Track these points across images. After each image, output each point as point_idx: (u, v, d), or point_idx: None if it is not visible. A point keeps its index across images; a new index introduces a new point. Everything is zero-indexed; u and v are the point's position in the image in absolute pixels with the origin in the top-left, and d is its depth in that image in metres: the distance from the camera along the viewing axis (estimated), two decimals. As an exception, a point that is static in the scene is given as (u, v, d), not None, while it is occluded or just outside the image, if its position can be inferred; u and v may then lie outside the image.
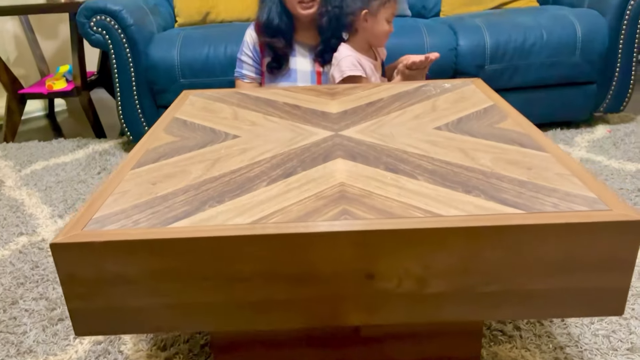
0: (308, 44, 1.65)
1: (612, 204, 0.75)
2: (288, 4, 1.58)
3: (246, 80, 1.71)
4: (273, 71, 1.65)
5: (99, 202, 0.82)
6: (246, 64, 1.69)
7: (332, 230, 0.72)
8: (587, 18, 2.02)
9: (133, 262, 0.72)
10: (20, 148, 2.27)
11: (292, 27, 1.63)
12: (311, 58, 1.66)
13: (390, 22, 1.58)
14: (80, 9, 1.96)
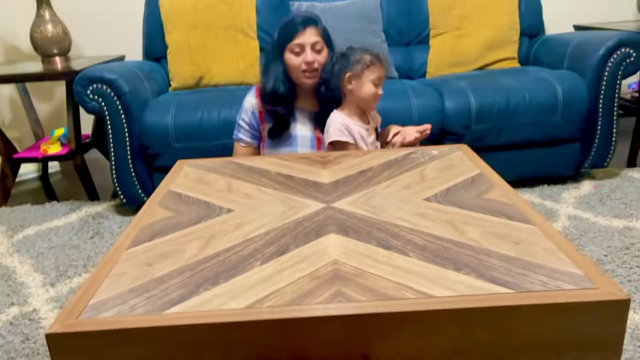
0: (308, 111, 1.70)
1: (598, 282, 0.77)
2: (292, 74, 1.63)
3: (242, 144, 1.75)
4: (274, 136, 1.69)
5: (94, 286, 0.83)
6: (243, 129, 1.73)
7: (326, 315, 0.73)
8: (566, 80, 2.11)
9: (130, 350, 0.73)
10: (13, 212, 2.27)
11: (294, 94, 1.68)
12: (311, 124, 1.70)
13: (378, 85, 1.62)
14: (77, 78, 2.01)
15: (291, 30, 1.61)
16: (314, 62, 1.60)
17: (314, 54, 1.60)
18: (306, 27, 1.60)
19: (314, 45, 1.60)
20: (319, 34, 1.62)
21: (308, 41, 1.59)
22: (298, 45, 1.60)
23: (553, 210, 1.98)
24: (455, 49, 2.46)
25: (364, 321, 0.73)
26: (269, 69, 1.67)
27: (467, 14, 2.45)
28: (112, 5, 2.93)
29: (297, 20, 1.62)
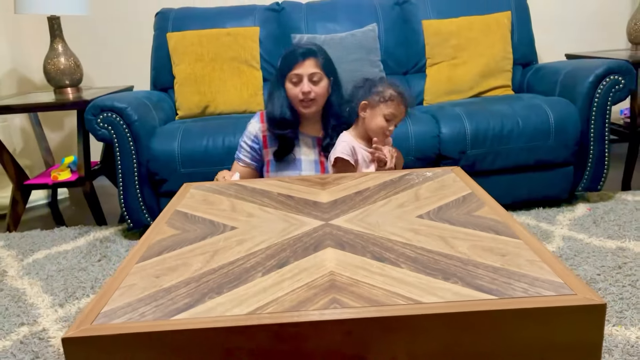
0: (312, 135, 1.78)
1: (577, 288, 0.82)
2: (292, 102, 1.72)
3: (241, 164, 1.82)
4: (279, 159, 1.76)
5: (107, 295, 0.89)
6: (244, 150, 1.80)
7: (322, 320, 0.78)
8: (558, 106, 2.19)
9: (139, 353, 0.78)
10: (23, 237, 2.34)
11: (297, 120, 1.76)
12: (315, 148, 1.78)
13: (390, 121, 1.67)
14: (88, 107, 2.11)
15: (291, 61, 1.70)
16: (310, 93, 1.68)
17: (310, 84, 1.68)
18: (305, 59, 1.68)
19: (312, 77, 1.68)
20: (317, 65, 1.70)
21: (306, 72, 1.68)
22: (296, 76, 1.69)
23: (548, 232, 2.03)
24: (451, 77, 2.56)
25: (357, 326, 0.78)
26: (273, 95, 1.76)
27: (462, 44, 2.55)
28: (122, 38, 3.06)
29: (297, 51, 1.71)
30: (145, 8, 2.92)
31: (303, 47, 1.73)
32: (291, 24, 2.62)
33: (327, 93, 1.74)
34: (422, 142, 2.12)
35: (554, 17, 3.12)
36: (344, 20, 2.61)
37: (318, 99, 1.71)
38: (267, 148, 1.78)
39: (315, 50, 1.71)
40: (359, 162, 1.70)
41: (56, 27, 2.54)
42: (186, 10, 2.67)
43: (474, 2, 2.64)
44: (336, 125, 1.77)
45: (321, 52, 1.73)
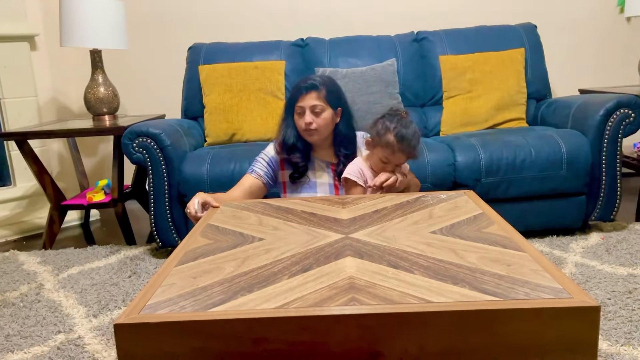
0: (325, 161, 1.90)
1: (574, 293, 0.91)
2: (298, 130, 1.85)
3: (253, 175, 1.88)
4: (295, 181, 1.88)
5: (150, 292, 1.00)
6: (260, 164, 1.90)
7: (342, 314, 0.88)
8: (570, 138, 2.28)
9: (179, 340, 0.88)
10: (58, 254, 2.47)
11: (309, 145, 1.88)
12: (329, 172, 1.89)
13: (386, 164, 1.72)
14: (125, 132, 2.26)
15: (296, 94, 1.84)
16: (312, 124, 1.80)
17: (312, 116, 1.81)
18: (308, 92, 1.81)
19: (313, 108, 1.81)
20: (319, 98, 1.81)
21: (307, 105, 1.80)
22: (300, 108, 1.82)
23: (561, 259, 2.09)
24: (467, 110, 2.67)
25: (373, 321, 0.88)
26: (284, 124, 1.89)
27: (477, 78, 2.67)
28: (155, 70, 3.27)
29: (301, 85, 1.84)
30: (178, 43, 3.13)
31: (307, 81, 1.85)
32: (315, 59, 2.78)
33: (331, 123, 1.85)
34: (438, 169, 2.22)
35: (567, 53, 3.23)
36: (365, 55, 2.76)
37: (320, 129, 1.82)
38: (284, 170, 1.90)
39: (317, 84, 1.82)
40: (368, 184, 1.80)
41: (98, 60, 2.74)
42: (217, 45, 2.86)
43: (488, 40, 2.77)
44: (347, 154, 1.88)
45: (325, 85, 1.83)
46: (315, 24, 3.17)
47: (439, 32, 2.84)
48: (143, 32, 3.20)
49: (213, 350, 0.88)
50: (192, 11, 3.21)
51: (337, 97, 1.86)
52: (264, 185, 1.89)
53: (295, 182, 1.87)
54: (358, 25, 3.14)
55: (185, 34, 3.16)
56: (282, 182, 1.92)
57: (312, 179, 1.88)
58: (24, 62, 2.92)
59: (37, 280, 2.18)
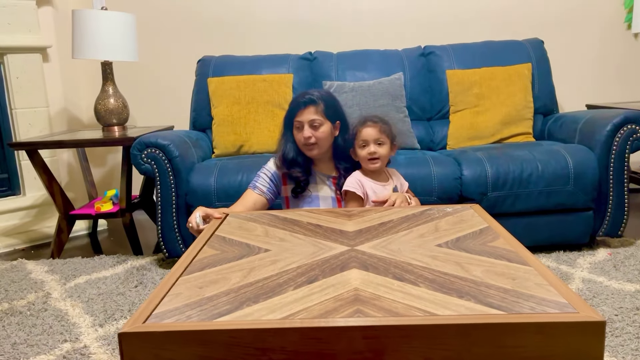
0: (327, 174, 1.91)
1: (579, 308, 0.91)
2: (297, 144, 1.86)
3: (256, 191, 1.89)
4: (297, 195, 1.89)
5: (155, 301, 1.01)
6: (262, 179, 1.91)
7: (347, 325, 0.88)
8: (577, 153, 2.28)
9: (186, 350, 0.89)
10: (65, 263, 2.49)
11: (309, 159, 1.89)
12: (331, 186, 1.90)
13: (365, 146, 1.80)
14: (134, 143, 2.29)
15: (294, 109, 1.86)
16: (311, 138, 1.82)
17: (311, 130, 1.82)
18: (306, 107, 1.83)
19: (312, 122, 1.82)
20: (317, 112, 1.83)
21: (306, 119, 1.83)
22: (299, 122, 1.84)
23: (568, 274, 2.08)
24: (474, 124, 2.68)
25: (378, 332, 0.88)
26: (285, 139, 1.90)
27: (484, 93, 2.69)
28: (164, 82, 3.31)
29: (299, 100, 1.86)
30: (187, 55, 3.17)
31: (305, 96, 1.87)
32: (322, 72, 2.81)
33: (330, 136, 1.86)
34: (445, 183, 2.22)
35: (575, 69, 3.24)
36: (372, 69, 2.79)
37: (319, 143, 1.84)
38: (287, 185, 1.91)
39: (314, 99, 1.84)
40: (368, 194, 1.81)
41: (108, 71, 2.78)
42: (226, 58, 2.89)
43: (495, 55, 2.79)
44: (348, 167, 1.90)
45: (322, 100, 1.85)
46: (323, 37, 3.21)
47: (446, 47, 2.86)
48: (153, 44, 3.25)
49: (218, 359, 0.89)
50: (202, 24, 3.26)
51: (335, 111, 1.88)
52: (267, 202, 1.91)
53: (298, 197, 1.88)
54: (366, 40, 3.17)
55: (195, 47, 3.20)
56: (285, 197, 1.93)
57: (315, 192, 1.89)
58: (36, 73, 2.97)
59: (44, 289, 2.20)
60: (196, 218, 1.62)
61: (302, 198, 1.89)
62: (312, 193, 1.89)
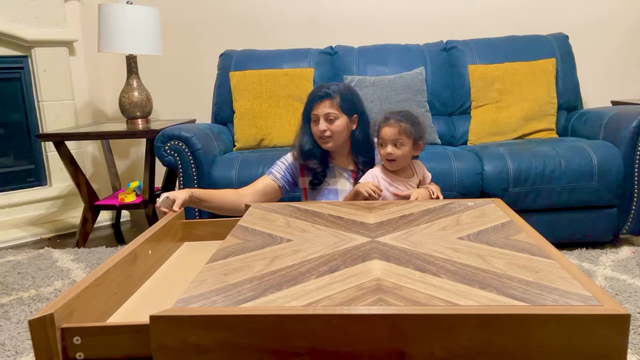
0: (345, 168, 1.92)
1: (604, 301, 0.90)
2: (314, 137, 1.88)
3: (270, 176, 1.91)
4: (315, 187, 1.90)
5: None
6: (278, 167, 1.93)
7: (369, 313, 0.89)
8: (602, 149, 2.25)
9: (211, 334, 0.91)
10: (90, 253, 2.54)
11: (326, 152, 1.90)
12: (349, 179, 1.91)
13: (383, 145, 1.77)
14: (158, 136, 2.33)
15: (311, 102, 1.87)
16: (326, 131, 1.83)
17: (326, 123, 1.83)
18: (322, 100, 1.84)
19: (327, 116, 1.83)
20: (333, 105, 1.83)
21: (321, 112, 1.83)
22: (315, 116, 1.85)
23: (590, 272, 2.05)
24: (495, 119, 2.66)
25: (400, 321, 0.89)
26: (302, 131, 1.91)
27: (507, 88, 2.66)
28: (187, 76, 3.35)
29: (316, 93, 1.87)
30: (210, 49, 3.20)
31: (321, 90, 1.87)
32: (343, 66, 2.81)
33: (346, 129, 1.86)
34: (466, 178, 2.21)
35: (600, 64, 3.19)
36: (393, 63, 2.78)
37: (334, 136, 1.85)
38: (304, 176, 1.92)
39: (330, 93, 1.84)
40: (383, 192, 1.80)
41: (133, 65, 2.83)
42: (248, 52, 2.92)
43: (518, 49, 2.76)
44: (367, 161, 1.90)
45: (338, 93, 1.85)
46: (344, 32, 3.21)
47: (469, 42, 2.84)
48: (177, 38, 3.29)
49: (242, 344, 0.91)
50: (225, 19, 3.29)
51: (352, 105, 1.88)
52: (279, 189, 1.91)
53: (316, 189, 1.90)
54: (387, 34, 3.17)
55: (217, 41, 3.23)
56: (303, 189, 1.94)
57: (333, 185, 1.90)
58: (63, 66, 3.03)
59: (70, 276, 2.25)
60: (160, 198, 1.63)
61: (320, 190, 1.90)
62: (330, 186, 1.90)
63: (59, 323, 0.96)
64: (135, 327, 0.96)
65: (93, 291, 1.10)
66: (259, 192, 1.87)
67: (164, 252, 1.49)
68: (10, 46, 2.87)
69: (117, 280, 1.20)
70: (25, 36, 2.85)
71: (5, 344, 1.69)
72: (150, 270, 1.38)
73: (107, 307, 1.15)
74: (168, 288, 1.29)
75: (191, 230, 1.66)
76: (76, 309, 1.02)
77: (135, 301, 1.24)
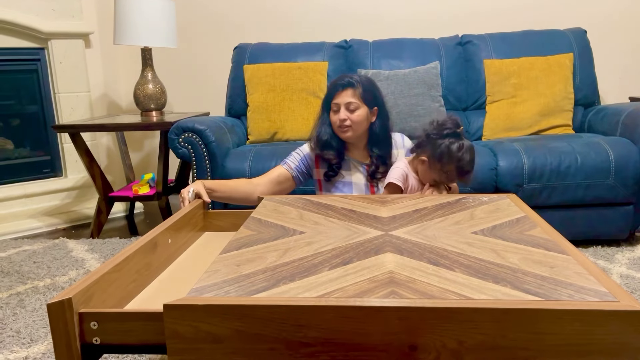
0: (361, 162, 1.91)
1: (620, 297, 0.89)
2: (333, 127, 1.87)
3: (284, 166, 1.91)
4: (330, 179, 1.90)
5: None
6: (292, 157, 1.93)
7: (382, 305, 0.89)
8: (619, 145, 2.21)
9: (224, 323, 0.91)
10: (104, 243, 2.57)
11: (342, 143, 1.89)
12: (364, 172, 1.90)
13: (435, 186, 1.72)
14: (172, 128, 2.34)
15: (332, 91, 1.85)
16: (346, 120, 1.82)
17: (347, 112, 1.82)
18: (344, 89, 1.83)
19: (348, 105, 1.82)
20: (355, 95, 1.82)
21: (342, 101, 1.82)
22: (335, 104, 1.84)
23: (605, 269, 2.03)
24: (511, 115, 2.63)
25: (413, 314, 0.88)
26: (321, 121, 1.90)
27: (522, 83, 2.63)
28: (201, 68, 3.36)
29: (338, 82, 1.85)
30: (224, 42, 3.21)
31: (344, 79, 1.86)
32: (357, 60, 2.80)
33: (365, 121, 1.85)
34: (480, 174, 2.20)
35: (618, 60, 3.14)
36: (408, 57, 2.76)
37: (354, 126, 1.83)
38: (319, 168, 1.92)
39: (353, 82, 1.83)
40: (408, 190, 1.79)
41: (148, 57, 2.84)
42: (262, 45, 2.92)
43: (535, 44, 2.73)
44: (380, 155, 1.88)
45: (361, 84, 1.84)
46: (358, 25, 3.20)
47: (484, 36, 2.81)
48: (191, 31, 3.30)
49: (255, 334, 0.91)
50: (239, 12, 3.29)
51: (373, 97, 1.86)
52: (292, 179, 1.90)
53: (330, 181, 1.89)
54: (402, 28, 3.15)
55: (232, 34, 3.24)
56: (318, 180, 1.94)
57: (348, 178, 1.89)
58: (79, 58, 3.05)
59: (84, 266, 2.28)
60: (189, 192, 1.65)
61: (334, 183, 1.90)
62: (344, 178, 1.90)
63: (76, 307, 0.97)
64: (150, 315, 0.97)
65: (112, 277, 1.11)
66: (273, 181, 1.87)
67: (184, 241, 1.50)
68: (27, 38, 2.90)
69: (135, 268, 1.21)
70: (42, 28, 2.87)
71: (20, 331, 1.71)
72: (170, 259, 1.39)
73: (125, 294, 1.16)
74: (186, 277, 1.30)
75: (212, 221, 1.67)
76: (94, 295, 1.03)
77: (153, 289, 1.24)
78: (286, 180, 1.90)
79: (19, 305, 1.91)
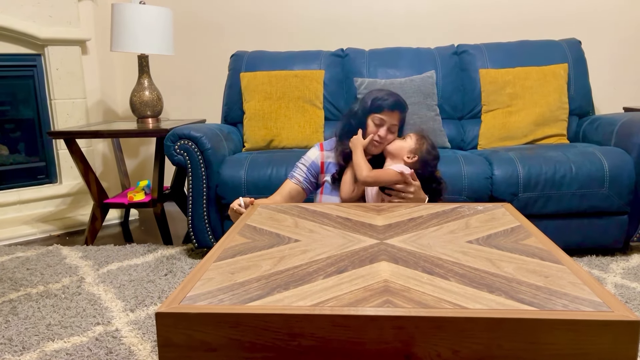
0: None
1: (615, 307, 0.89)
2: (365, 136, 1.85)
3: (293, 181, 1.93)
4: (335, 182, 1.89)
5: (189, 285, 1.03)
6: (300, 169, 1.95)
7: (377, 314, 0.89)
8: (613, 155, 2.22)
9: (218, 331, 0.91)
10: (99, 250, 2.56)
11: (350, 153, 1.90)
12: None
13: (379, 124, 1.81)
14: (168, 135, 2.34)
15: (382, 105, 1.83)
16: (385, 139, 1.83)
17: (388, 132, 1.84)
18: (395, 110, 1.84)
19: (391, 127, 1.84)
20: (399, 119, 1.86)
21: (390, 122, 1.83)
22: (381, 120, 1.83)
23: (600, 279, 2.03)
24: (506, 124, 2.64)
25: (408, 323, 0.88)
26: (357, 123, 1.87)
27: (518, 92, 2.65)
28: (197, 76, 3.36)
29: (389, 99, 1.84)
30: (221, 50, 3.22)
31: (398, 99, 1.86)
32: (354, 69, 2.81)
33: None
34: (475, 182, 2.20)
35: (612, 70, 3.16)
36: (404, 66, 2.78)
37: (383, 145, 1.85)
38: (324, 173, 1.93)
39: (404, 106, 1.87)
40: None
41: (144, 64, 2.84)
42: (259, 53, 2.93)
43: (530, 54, 2.74)
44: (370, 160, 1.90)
45: (406, 110, 1.89)
46: (355, 34, 3.21)
47: (480, 46, 2.83)
48: (188, 39, 3.31)
49: (248, 343, 0.91)
50: (236, 20, 3.30)
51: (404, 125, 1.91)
52: (303, 191, 1.94)
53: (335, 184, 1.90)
54: (398, 37, 3.16)
55: (228, 42, 3.25)
56: (322, 182, 1.94)
57: None
58: (75, 65, 3.05)
59: (78, 273, 2.27)
60: (240, 201, 1.73)
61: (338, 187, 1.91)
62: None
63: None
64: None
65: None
66: (286, 196, 1.91)
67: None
68: (23, 44, 2.90)
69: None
70: (38, 35, 2.87)
71: (12, 339, 1.70)
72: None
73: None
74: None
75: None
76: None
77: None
78: (298, 194, 1.94)
79: (11, 312, 1.90)
